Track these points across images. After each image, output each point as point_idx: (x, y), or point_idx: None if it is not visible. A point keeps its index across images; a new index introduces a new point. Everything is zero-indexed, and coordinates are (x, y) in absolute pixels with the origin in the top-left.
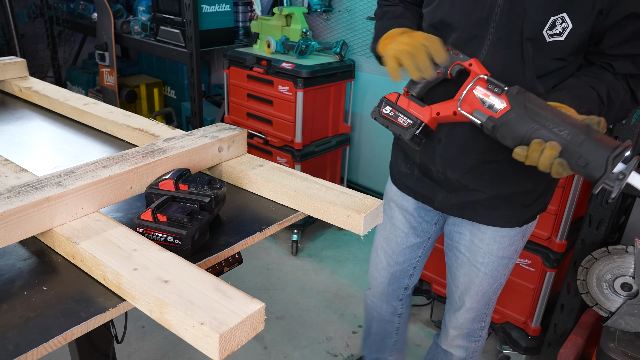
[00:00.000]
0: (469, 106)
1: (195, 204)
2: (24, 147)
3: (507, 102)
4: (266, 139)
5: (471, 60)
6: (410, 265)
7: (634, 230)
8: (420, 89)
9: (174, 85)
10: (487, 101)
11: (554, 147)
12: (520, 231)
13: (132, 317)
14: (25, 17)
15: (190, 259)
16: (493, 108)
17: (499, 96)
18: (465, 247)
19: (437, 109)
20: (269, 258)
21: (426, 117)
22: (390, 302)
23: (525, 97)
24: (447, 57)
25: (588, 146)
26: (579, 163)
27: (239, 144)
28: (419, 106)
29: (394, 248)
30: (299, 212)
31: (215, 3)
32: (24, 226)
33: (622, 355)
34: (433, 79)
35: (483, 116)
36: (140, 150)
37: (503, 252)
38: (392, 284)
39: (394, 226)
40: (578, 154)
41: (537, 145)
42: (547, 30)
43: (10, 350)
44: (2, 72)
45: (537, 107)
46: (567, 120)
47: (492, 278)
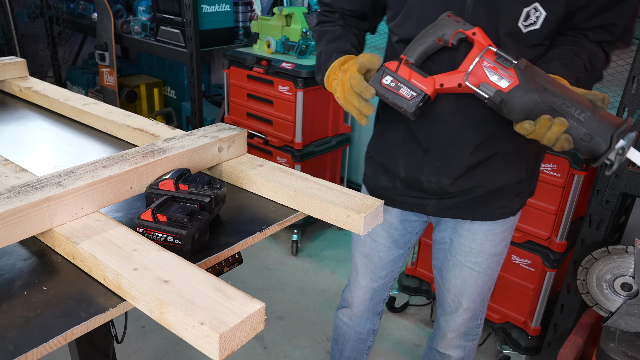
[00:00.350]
0: (476, 79)
1: (195, 204)
2: (24, 147)
3: (515, 77)
4: (266, 139)
5: (474, 29)
6: (392, 277)
7: (634, 230)
8: (418, 56)
9: (174, 85)
10: (495, 74)
11: (562, 123)
12: (509, 226)
13: (132, 317)
14: (25, 17)
15: (190, 259)
16: (501, 82)
17: (508, 69)
18: (456, 250)
19: (441, 80)
20: (269, 258)
21: (429, 89)
22: (371, 317)
23: (533, 72)
24: (372, 92)
25: (594, 122)
26: (584, 139)
27: (239, 144)
28: (421, 76)
29: (377, 263)
30: (299, 212)
31: (215, 3)
32: (24, 226)
33: (622, 355)
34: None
35: (490, 90)
36: (140, 150)
37: (495, 249)
38: (373, 299)
39: (375, 242)
40: (584, 130)
41: (546, 121)
42: (522, 22)
43: (10, 350)
44: (2, 72)
45: (546, 82)
46: (574, 96)
47: (486, 276)
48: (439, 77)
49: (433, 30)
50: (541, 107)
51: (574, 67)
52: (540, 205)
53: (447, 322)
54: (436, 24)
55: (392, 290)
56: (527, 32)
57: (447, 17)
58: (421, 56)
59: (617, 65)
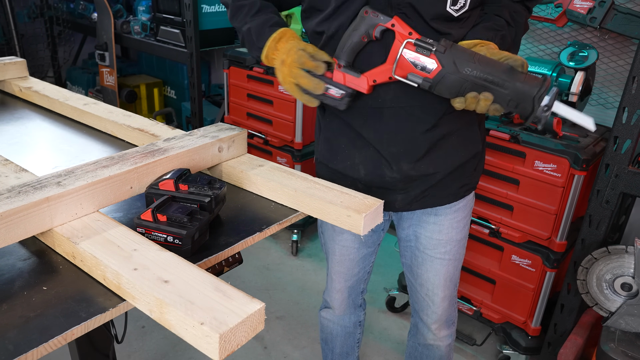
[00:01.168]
0: (403, 70)
1: (196, 203)
2: (24, 147)
3: (437, 62)
4: (266, 139)
5: (393, 20)
6: (365, 272)
7: (634, 230)
8: (349, 56)
9: (174, 85)
10: (418, 64)
11: (487, 98)
12: (469, 208)
13: (132, 317)
14: (25, 17)
15: (190, 259)
16: (426, 69)
17: (429, 57)
18: (424, 245)
19: (373, 76)
20: (269, 258)
21: (364, 87)
22: (353, 312)
23: (453, 53)
24: (324, 67)
25: (515, 89)
26: (510, 105)
27: (239, 144)
28: (354, 77)
29: (348, 265)
30: (299, 212)
31: (215, 3)
32: (24, 226)
33: (622, 355)
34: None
35: (418, 78)
36: (140, 150)
37: (460, 234)
38: (351, 295)
39: (343, 247)
40: (508, 97)
41: (472, 99)
42: (451, 7)
43: (10, 350)
44: (2, 72)
45: (466, 61)
46: (495, 66)
47: (456, 262)
48: (370, 74)
49: (354, 28)
50: (466, 85)
51: (496, 26)
52: (540, 205)
53: (428, 316)
54: (356, 23)
55: (392, 291)
56: (459, 15)
57: (365, 15)
58: (351, 55)
59: (617, 65)
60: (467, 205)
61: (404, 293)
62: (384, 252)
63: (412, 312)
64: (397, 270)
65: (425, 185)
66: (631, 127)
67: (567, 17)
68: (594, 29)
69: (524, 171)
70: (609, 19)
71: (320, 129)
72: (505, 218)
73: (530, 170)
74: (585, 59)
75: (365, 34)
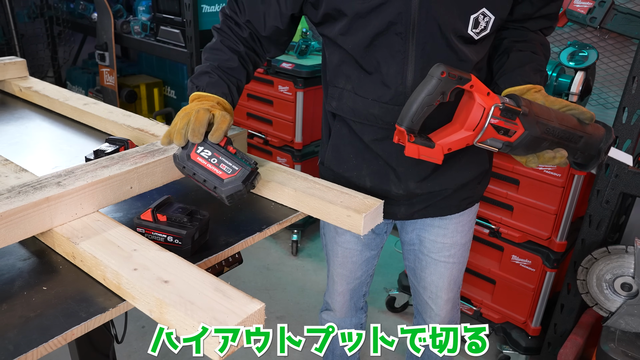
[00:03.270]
0: (484, 136)
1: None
2: (24, 147)
3: (520, 125)
4: (266, 139)
5: (472, 82)
6: (367, 275)
7: (634, 230)
8: (420, 124)
9: (174, 85)
10: (502, 128)
11: (563, 155)
12: (474, 212)
13: (132, 317)
14: (25, 17)
15: (190, 259)
16: (509, 133)
17: (514, 121)
18: (428, 248)
19: (448, 145)
20: (269, 258)
21: (440, 158)
22: (354, 314)
23: (534, 113)
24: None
25: (585, 143)
26: (577, 156)
27: (239, 144)
28: (429, 149)
29: (351, 268)
30: (299, 212)
31: (215, 3)
32: (24, 226)
33: (622, 355)
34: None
35: (499, 143)
36: (140, 150)
37: (465, 238)
38: (352, 298)
39: (346, 249)
40: (578, 151)
41: (549, 157)
42: (472, 30)
43: (10, 350)
44: (2, 72)
45: (546, 120)
46: (569, 123)
47: (460, 265)
48: (445, 143)
49: (429, 92)
50: (544, 144)
51: (540, 67)
52: (540, 205)
53: (432, 318)
54: (432, 85)
55: (392, 291)
56: (480, 38)
57: (442, 76)
58: (420, 120)
59: (617, 65)
60: (473, 210)
61: (404, 293)
62: (384, 252)
63: (415, 313)
64: (397, 270)
65: (429, 200)
66: (631, 127)
67: (567, 17)
68: (594, 29)
69: (524, 171)
70: (609, 19)
71: (329, 134)
72: (505, 218)
73: (530, 170)
74: (585, 59)
75: (440, 98)
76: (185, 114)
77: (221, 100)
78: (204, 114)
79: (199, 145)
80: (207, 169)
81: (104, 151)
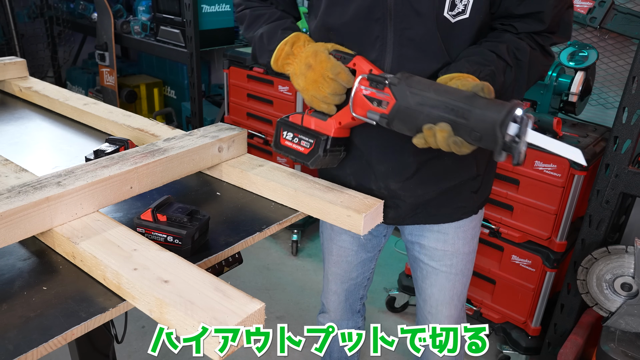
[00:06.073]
0: (362, 108)
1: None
2: (24, 147)
3: (391, 95)
4: (266, 139)
5: (354, 60)
6: (364, 277)
7: (634, 230)
8: None
9: (174, 85)
10: (374, 99)
11: (443, 128)
12: (477, 221)
13: (132, 317)
14: (25, 17)
15: (190, 259)
16: (382, 104)
17: (383, 91)
18: (428, 256)
19: (339, 118)
20: (269, 258)
21: (331, 130)
22: (351, 317)
23: (407, 83)
24: (348, 77)
25: (476, 117)
26: (474, 137)
27: (239, 144)
28: (321, 121)
29: (345, 268)
30: (299, 212)
31: (215, 3)
32: (24, 226)
33: (622, 355)
34: None
35: (375, 115)
36: (140, 150)
37: (467, 247)
38: (348, 299)
39: (341, 248)
40: (469, 128)
41: (428, 131)
42: (449, 12)
43: (10, 350)
44: (2, 72)
45: (420, 90)
46: (453, 94)
47: (463, 277)
48: (336, 116)
49: None
50: (421, 117)
51: (483, 61)
52: (540, 205)
53: None
54: None
55: (392, 291)
56: (456, 22)
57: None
58: None
59: (617, 65)
60: (474, 217)
61: (404, 293)
62: (384, 252)
63: (417, 323)
64: (397, 270)
65: (414, 204)
66: (631, 127)
67: None
68: (594, 29)
69: (523, 171)
70: (609, 19)
71: None
72: (505, 218)
73: (530, 170)
74: (585, 59)
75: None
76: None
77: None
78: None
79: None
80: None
81: (104, 151)
